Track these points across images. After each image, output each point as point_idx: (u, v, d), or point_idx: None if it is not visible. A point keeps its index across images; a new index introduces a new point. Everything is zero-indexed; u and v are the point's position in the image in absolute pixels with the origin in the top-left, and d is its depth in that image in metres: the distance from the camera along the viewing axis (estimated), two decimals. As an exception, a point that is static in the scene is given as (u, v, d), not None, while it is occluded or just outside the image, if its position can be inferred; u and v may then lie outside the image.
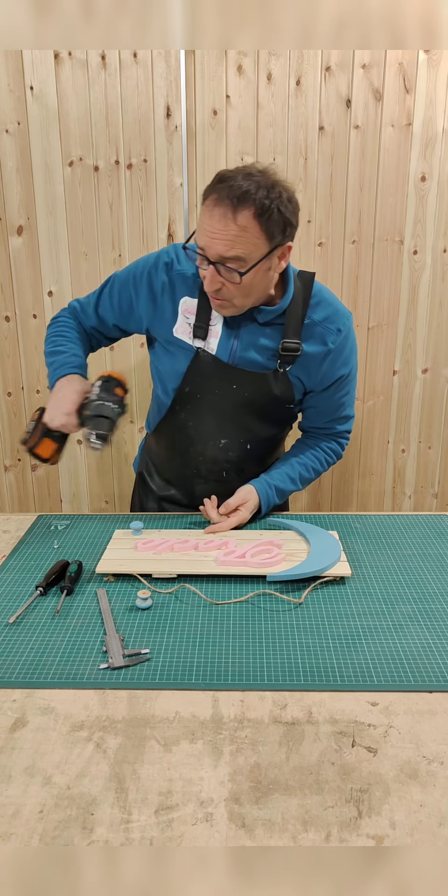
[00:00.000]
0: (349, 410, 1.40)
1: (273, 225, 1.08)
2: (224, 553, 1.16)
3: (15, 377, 2.30)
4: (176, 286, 1.27)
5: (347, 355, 1.31)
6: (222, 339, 1.26)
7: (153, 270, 1.28)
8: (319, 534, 1.23)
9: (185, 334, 1.28)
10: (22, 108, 2.02)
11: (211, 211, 1.08)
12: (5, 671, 0.89)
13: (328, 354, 1.27)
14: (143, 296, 1.29)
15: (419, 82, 2.00)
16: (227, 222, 1.07)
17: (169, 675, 0.88)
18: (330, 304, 1.28)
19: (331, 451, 1.41)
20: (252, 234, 1.08)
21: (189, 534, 1.26)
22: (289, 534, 1.26)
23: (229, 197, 1.06)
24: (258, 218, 1.07)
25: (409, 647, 0.93)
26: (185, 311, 1.27)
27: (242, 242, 1.08)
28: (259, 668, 0.89)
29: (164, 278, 1.27)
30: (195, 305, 1.26)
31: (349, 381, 1.35)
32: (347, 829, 0.66)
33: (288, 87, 2.00)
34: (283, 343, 1.24)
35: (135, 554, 1.18)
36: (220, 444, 1.36)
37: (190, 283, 1.26)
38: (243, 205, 1.06)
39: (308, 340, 1.26)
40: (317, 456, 1.40)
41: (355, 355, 1.34)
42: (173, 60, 1.97)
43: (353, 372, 1.35)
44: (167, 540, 1.21)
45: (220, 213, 1.07)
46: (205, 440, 1.36)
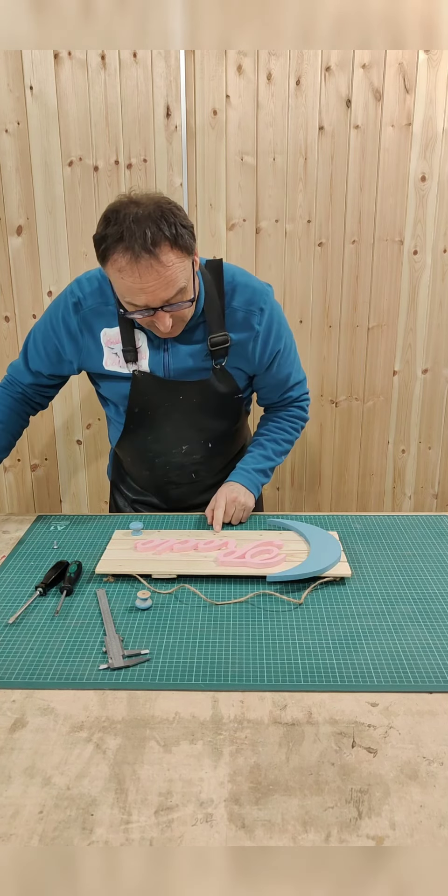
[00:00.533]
0: (297, 376, 1.42)
1: (186, 241, 1.09)
2: (224, 553, 1.16)
3: (15, 377, 2.29)
4: (91, 322, 1.27)
5: (277, 330, 1.31)
6: (151, 357, 1.27)
7: (65, 314, 1.28)
8: (319, 534, 1.23)
9: (115, 364, 1.29)
10: (22, 108, 2.02)
11: (134, 270, 1.06)
12: (5, 671, 0.89)
13: (257, 337, 1.29)
14: (65, 340, 1.29)
15: (419, 82, 1.99)
16: (156, 269, 1.06)
17: (169, 675, 0.88)
18: (245, 286, 1.28)
19: (293, 417, 1.45)
20: (179, 262, 1.09)
21: (189, 534, 1.26)
22: (289, 534, 1.26)
23: (143, 248, 1.04)
24: (175, 247, 1.07)
25: (409, 648, 0.93)
26: (108, 343, 1.28)
27: (177, 274, 1.09)
28: (259, 669, 0.89)
29: (77, 318, 1.27)
30: (117, 333, 1.26)
31: (287, 352, 1.36)
32: (347, 830, 0.66)
33: (288, 87, 2.00)
34: (211, 339, 1.25)
35: (134, 554, 1.18)
36: (182, 451, 1.38)
37: (105, 314, 1.26)
38: (158, 246, 1.05)
39: (234, 329, 1.27)
40: (282, 427, 1.44)
41: (284, 325, 1.34)
42: (173, 60, 1.97)
43: (288, 342, 1.36)
44: (167, 540, 1.21)
45: (146, 266, 1.06)
46: (167, 450, 1.38)
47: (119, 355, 1.28)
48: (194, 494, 1.42)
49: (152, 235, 1.04)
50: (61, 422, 2.35)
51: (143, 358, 1.27)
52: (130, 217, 1.05)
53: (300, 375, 1.44)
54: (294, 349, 1.40)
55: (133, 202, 1.08)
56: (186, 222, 1.10)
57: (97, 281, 1.27)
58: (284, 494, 2.42)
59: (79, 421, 2.35)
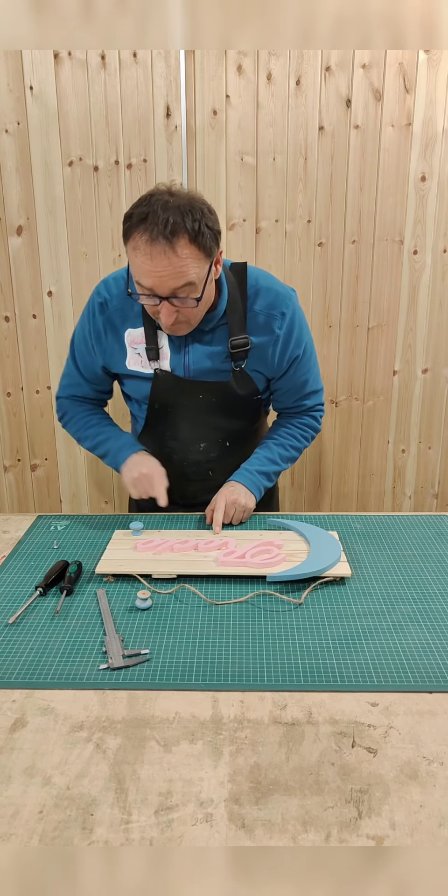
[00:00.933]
0: (314, 385, 1.41)
1: (207, 241, 1.10)
2: (224, 553, 1.16)
3: (14, 377, 2.30)
4: (116, 323, 1.30)
5: (298, 335, 1.31)
6: (172, 357, 1.29)
7: (93, 316, 1.31)
8: (319, 534, 1.23)
9: (138, 364, 1.31)
10: (22, 108, 2.02)
11: (148, 251, 1.08)
12: (5, 671, 0.89)
13: (277, 341, 1.29)
14: (95, 340, 1.33)
15: (419, 82, 1.99)
16: (169, 257, 1.07)
17: (169, 675, 0.88)
18: (268, 289, 1.28)
19: (304, 426, 1.43)
20: (194, 258, 1.09)
21: (189, 534, 1.26)
22: (289, 534, 1.26)
23: (161, 234, 1.06)
24: (193, 242, 1.08)
25: (409, 647, 0.93)
26: (131, 343, 1.30)
27: (189, 268, 1.09)
28: (259, 669, 0.89)
29: (102, 318, 1.30)
30: (141, 333, 1.28)
31: (307, 359, 1.36)
32: (347, 830, 0.66)
33: (288, 86, 2.00)
34: (231, 342, 1.26)
35: (134, 554, 1.18)
36: (199, 448, 1.39)
37: (130, 315, 1.29)
38: (177, 235, 1.06)
39: (255, 332, 1.28)
40: (291, 433, 1.42)
41: (306, 332, 1.34)
42: (173, 60, 1.97)
43: (308, 349, 1.36)
44: (167, 540, 1.21)
45: (159, 252, 1.07)
46: (185, 447, 1.39)
47: (142, 355, 1.30)
48: (210, 490, 1.41)
49: (173, 224, 1.06)
50: (61, 422, 2.35)
51: (165, 358, 1.29)
52: (160, 203, 1.08)
53: (317, 385, 1.42)
54: (314, 357, 1.39)
55: (169, 192, 1.11)
56: (213, 225, 1.11)
57: (124, 281, 1.27)
58: (284, 494, 2.42)
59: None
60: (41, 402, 2.33)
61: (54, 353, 2.27)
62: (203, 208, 1.11)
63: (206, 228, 1.09)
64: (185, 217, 1.07)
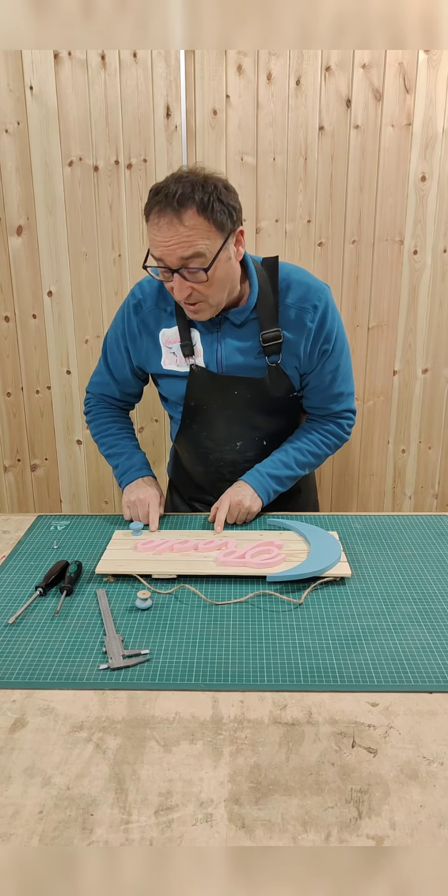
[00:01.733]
0: (342, 387, 1.37)
1: (218, 215, 1.10)
2: (224, 553, 1.16)
3: (14, 377, 2.30)
4: (150, 323, 1.32)
5: (329, 329, 1.29)
6: (206, 353, 1.29)
7: (128, 318, 1.34)
8: (319, 534, 1.23)
9: (173, 363, 1.32)
10: (21, 108, 2.02)
11: (157, 224, 1.10)
12: (5, 672, 0.89)
13: (310, 334, 1.27)
14: (130, 342, 1.35)
15: (419, 82, 1.99)
16: (176, 227, 1.09)
17: (169, 675, 0.88)
18: (300, 283, 1.27)
19: (328, 432, 1.40)
20: (203, 229, 1.10)
21: (189, 534, 1.26)
22: (289, 534, 1.26)
23: (169, 205, 1.08)
24: (202, 213, 1.09)
25: (409, 648, 0.93)
26: (166, 343, 1.31)
27: (197, 239, 1.10)
28: (259, 669, 0.89)
29: (138, 320, 1.32)
30: (175, 332, 1.30)
31: (335, 356, 1.32)
32: (347, 830, 0.66)
33: (288, 87, 2.00)
34: (263, 335, 1.26)
35: (135, 554, 1.18)
36: (236, 447, 1.38)
37: (163, 316, 1.31)
38: (184, 206, 1.08)
39: (287, 326, 1.27)
40: (312, 439, 1.39)
41: (338, 328, 1.32)
42: (173, 60, 1.97)
43: (339, 346, 1.32)
44: (167, 540, 1.21)
45: (167, 222, 1.09)
46: (221, 446, 1.38)
47: (177, 354, 1.31)
48: None
49: (181, 195, 1.07)
50: (61, 422, 2.35)
51: (199, 354, 1.30)
52: (175, 177, 1.11)
53: (347, 387, 1.38)
54: (345, 357, 1.35)
55: (192, 170, 1.13)
56: (227, 200, 1.12)
57: (158, 283, 1.28)
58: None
59: (79, 421, 2.35)
60: (41, 402, 2.33)
61: (54, 353, 2.27)
62: (218, 184, 1.11)
63: (217, 202, 1.09)
64: (195, 189, 1.08)
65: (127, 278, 2.18)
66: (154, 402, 2.30)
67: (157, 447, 2.38)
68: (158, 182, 1.12)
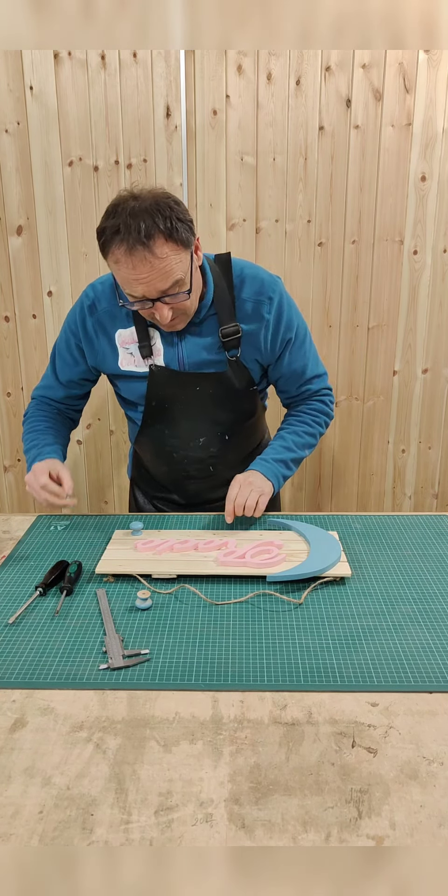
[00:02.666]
0: (314, 369, 1.40)
1: (182, 234, 1.11)
2: (224, 553, 1.16)
3: (14, 377, 2.30)
4: (106, 324, 1.30)
5: (288, 318, 1.31)
6: (166, 353, 1.29)
7: (81, 319, 1.32)
8: (319, 534, 1.23)
9: (131, 364, 1.32)
10: (21, 108, 2.02)
11: (128, 261, 1.09)
12: (5, 671, 0.89)
13: (268, 325, 1.29)
14: (84, 343, 1.33)
15: (419, 82, 1.99)
16: (150, 261, 1.09)
17: (169, 675, 0.88)
18: (254, 277, 1.29)
19: (315, 411, 1.42)
20: (174, 254, 1.11)
21: (189, 534, 1.26)
22: (289, 534, 1.26)
23: (137, 241, 1.07)
24: (170, 239, 1.09)
25: (409, 647, 0.93)
26: (123, 344, 1.31)
27: (172, 265, 1.11)
28: (259, 669, 0.89)
29: (92, 320, 1.31)
30: (132, 333, 1.29)
31: (300, 342, 1.35)
32: (347, 830, 0.66)
33: (288, 87, 2.00)
34: (222, 330, 1.27)
35: (134, 554, 1.18)
36: (199, 443, 1.38)
37: (119, 316, 1.29)
38: (152, 239, 1.07)
39: (244, 320, 1.28)
40: (302, 420, 1.41)
41: (296, 315, 1.34)
42: (173, 60, 1.97)
43: (301, 332, 1.35)
44: (167, 540, 1.21)
45: (140, 259, 1.08)
46: (184, 444, 1.38)
47: (134, 354, 1.31)
48: (212, 489, 1.42)
49: (146, 228, 1.07)
50: (61, 422, 2.35)
51: (158, 354, 1.30)
52: (128, 210, 1.09)
53: (319, 369, 1.41)
54: (309, 341, 1.38)
55: (133, 196, 1.11)
56: (184, 216, 1.12)
57: (111, 284, 1.29)
58: (284, 494, 2.42)
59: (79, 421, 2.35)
60: (41, 402, 2.32)
61: (54, 353, 2.27)
62: (169, 202, 1.11)
63: (177, 222, 1.10)
64: (155, 218, 1.07)
65: (127, 278, 2.18)
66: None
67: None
68: (108, 220, 1.10)
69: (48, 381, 1.43)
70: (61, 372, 1.39)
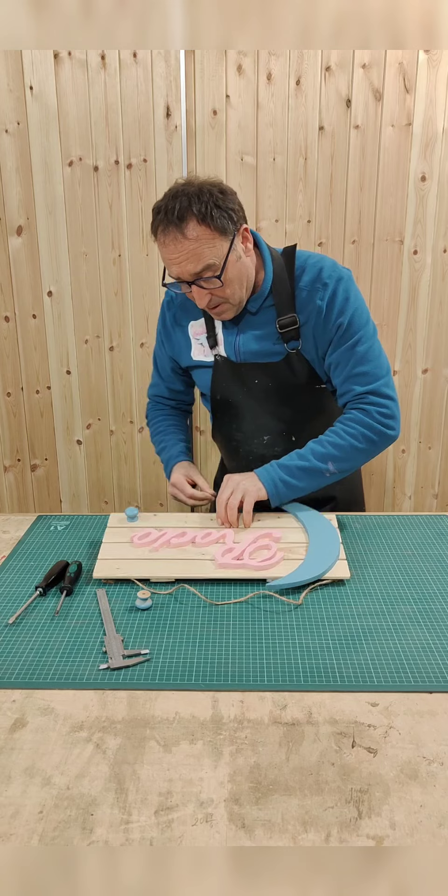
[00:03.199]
0: (365, 367, 1.24)
1: (218, 221, 1.14)
2: (221, 553, 1.14)
3: (14, 377, 2.30)
4: (180, 316, 1.38)
5: (341, 303, 1.24)
6: (226, 343, 1.33)
7: (162, 314, 1.42)
8: (318, 522, 1.21)
9: (201, 354, 1.37)
10: (21, 108, 2.02)
11: (164, 243, 1.16)
12: (5, 671, 0.89)
13: (320, 312, 1.26)
14: (166, 337, 1.43)
15: (419, 82, 1.99)
16: (180, 242, 1.13)
17: (169, 675, 0.88)
18: (314, 265, 1.27)
19: (351, 420, 1.25)
20: (206, 238, 1.14)
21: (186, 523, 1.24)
22: (287, 519, 1.24)
23: (171, 222, 1.12)
24: (203, 223, 1.13)
25: (409, 648, 0.93)
26: (195, 335, 1.36)
27: (203, 249, 1.14)
28: (259, 669, 0.89)
29: (170, 314, 1.40)
30: (203, 324, 1.35)
31: (352, 331, 1.24)
32: (347, 830, 0.66)
33: (288, 87, 2.00)
34: (279, 321, 1.27)
35: (131, 551, 1.16)
36: (264, 441, 1.38)
37: (192, 308, 1.35)
38: (184, 220, 1.12)
39: (302, 311, 1.27)
40: (334, 430, 1.26)
41: (354, 303, 1.25)
42: (173, 60, 1.97)
43: (357, 320, 1.24)
44: (164, 533, 1.20)
45: (172, 239, 1.14)
46: (249, 440, 1.40)
47: (204, 345, 1.35)
48: None
49: (180, 210, 1.12)
50: (61, 422, 2.35)
51: (221, 344, 1.33)
52: (172, 193, 1.15)
53: (370, 368, 1.24)
54: (368, 337, 1.25)
55: (185, 182, 1.17)
56: (224, 204, 1.15)
57: None
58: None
59: (79, 421, 2.35)
60: (41, 402, 2.33)
61: (54, 353, 2.27)
62: (213, 190, 1.14)
63: (215, 209, 1.13)
64: (192, 201, 1.12)
65: (127, 278, 2.18)
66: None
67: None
68: (158, 201, 1.17)
69: (154, 380, 1.52)
70: (162, 369, 1.48)
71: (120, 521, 1.26)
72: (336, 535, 1.18)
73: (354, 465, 1.27)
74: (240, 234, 1.19)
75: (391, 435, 1.26)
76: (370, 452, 1.26)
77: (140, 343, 2.24)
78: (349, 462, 1.25)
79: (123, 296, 2.20)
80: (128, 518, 1.25)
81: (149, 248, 2.14)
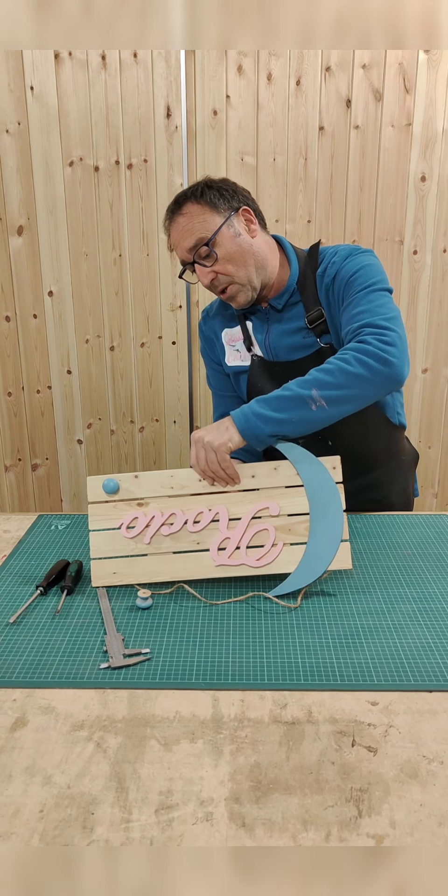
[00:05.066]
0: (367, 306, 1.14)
1: (210, 198, 1.21)
2: (217, 548, 1.10)
3: (15, 377, 2.30)
4: (216, 326, 1.42)
5: (349, 266, 1.21)
6: (258, 342, 1.35)
7: (200, 329, 1.46)
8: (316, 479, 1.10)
9: (237, 359, 1.39)
10: (22, 108, 2.02)
11: (167, 229, 1.26)
12: (5, 671, 0.89)
13: (329, 287, 1.25)
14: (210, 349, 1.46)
15: (419, 82, 2.00)
16: (178, 220, 1.22)
17: (169, 674, 0.88)
18: (332, 252, 1.29)
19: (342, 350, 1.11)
20: (196, 213, 1.21)
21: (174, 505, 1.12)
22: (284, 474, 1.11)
23: (173, 210, 1.24)
24: (195, 201, 1.21)
25: (409, 647, 0.93)
26: (229, 342, 1.39)
27: (194, 224, 1.20)
28: (259, 668, 0.89)
29: (207, 328, 1.45)
30: (237, 331, 1.38)
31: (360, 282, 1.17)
32: (347, 829, 0.66)
33: (288, 87, 2.00)
34: (307, 316, 1.28)
35: (124, 546, 1.10)
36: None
37: (225, 317, 1.40)
38: (181, 202, 1.22)
39: (323, 298, 1.28)
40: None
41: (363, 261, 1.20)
42: (173, 60, 1.97)
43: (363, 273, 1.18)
44: (153, 517, 1.10)
45: (171, 223, 1.24)
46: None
47: (240, 350, 1.38)
48: None
49: (179, 197, 1.23)
50: (62, 422, 2.36)
51: (255, 344, 1.36)
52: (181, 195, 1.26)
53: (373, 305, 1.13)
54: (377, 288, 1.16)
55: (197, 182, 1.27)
56: (218, 185, 1.23)
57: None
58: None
59: (79, 421, 2.35)
60: (42, 402, 2.33)
61: (55, 353, 2.27)
62: (211, 178, 1.24)
63: (207, 189, 1.21)
64: (192, 188, 1.23)
65: (127, 278, 2.18)
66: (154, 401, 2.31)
67: (157, 447, 2.38)
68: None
69: (215, 401, 1.51)
70: (219, 387, 1.48)
71: (100, 494, 1.12)
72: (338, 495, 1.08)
73: (347, 394, 1.06)
74: (240, 215, 1.24)
75: (392, 361, 1.05)
76: (366, 380, 1.05)
77: (140, 343, 2.25)
78: (339, 390, 1.05)
79: (124, 296, 2.20)
80: (107, 492, 1.11)
81: (149, 248, 2.15)
